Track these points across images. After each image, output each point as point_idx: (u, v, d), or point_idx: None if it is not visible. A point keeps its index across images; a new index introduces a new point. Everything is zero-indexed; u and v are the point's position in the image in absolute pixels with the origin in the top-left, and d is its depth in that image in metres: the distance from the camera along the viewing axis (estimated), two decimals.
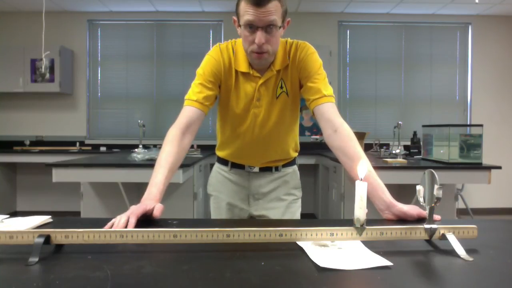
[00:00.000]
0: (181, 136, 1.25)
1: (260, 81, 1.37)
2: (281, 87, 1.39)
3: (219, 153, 1.57)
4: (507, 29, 5.37)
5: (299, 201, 1.59)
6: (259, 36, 1.22)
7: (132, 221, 0.94)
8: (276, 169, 1.53)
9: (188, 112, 1.31)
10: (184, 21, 5.34)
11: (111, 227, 0.92)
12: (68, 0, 4.85)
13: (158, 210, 1.02)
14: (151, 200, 1.06)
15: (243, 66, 1.36)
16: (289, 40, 1.40)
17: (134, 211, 0.97)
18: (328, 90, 1.33)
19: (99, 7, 5.13)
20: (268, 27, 1.22)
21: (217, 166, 1.60)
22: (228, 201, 1.54)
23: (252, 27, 1.22)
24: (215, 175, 1.60)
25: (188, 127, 1.28)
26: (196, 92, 1.33)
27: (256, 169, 1.51)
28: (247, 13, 1.20)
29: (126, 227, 0.93)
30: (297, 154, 1.60)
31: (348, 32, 5.38)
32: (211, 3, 4.97)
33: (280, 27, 1.25)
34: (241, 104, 1.40)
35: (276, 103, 1.40)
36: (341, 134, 1.23)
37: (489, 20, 5.35)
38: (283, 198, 1.54)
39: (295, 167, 1.61)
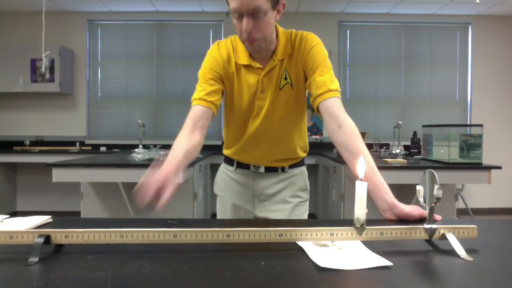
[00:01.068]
0: (190, 134, 1.24)
1: (263, 72, 1.35)
2: (285, 78, 1.36)
3: (226, 151, 1.55)
4: (507, 29, 5.37)
5: (307, 204, 1.54)
6: (245, 22, 1.20)
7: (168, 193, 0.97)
8: (283, 169, 1.49)
9: (193, 111, 1.30)
10: (184, 21, 5.34)
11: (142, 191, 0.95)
12: (68, 0, 4.85)
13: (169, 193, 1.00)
14: (170, 166, 1.08)
15: (243, 59, 1.35)
16: (294, 31, 1.38)
17: (168, 187, 0.99)
18: (334, 84, 1.29)
19: (99, 7, 5.13)
20: (254, 13, 1.19)
21: (223, 166, 1.58)
22: (233, 201, 1.52)
23: (239, 14, 1.21)
24: (221, 174, 1.58)
25: (194, 125, 1.26)
26: (198, 91, 1.33)
27: (262, 169, 1.48)
28: (232, 0, 1.19)
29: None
30: (305, 154, 1.55)
31: (348, 32, 5.39)
32: (211, 3, 4.97)
33: (267, 11, 1.21)
34: (245, 97, 1.38)
35: (280, 95, 1.37)
36: (345, 130, 1.20)
37: (489, 20, 5.35)
38: (289, 201, 1.49)
39: (303, 168, 1.56)
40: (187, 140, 1.22)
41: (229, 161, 1.54)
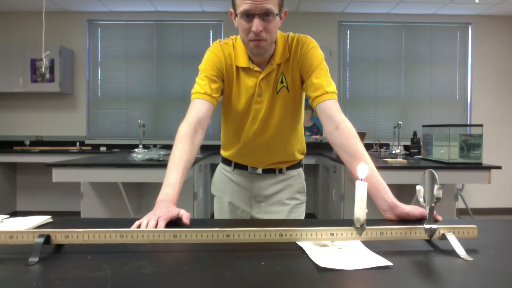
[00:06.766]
0: (193, 133, 1.22)
1: (261, 76, 1.35)
2: (281, 82, 1.37)
3: (223, 153, 1.55)
4: (507, 29, 5.37)
5: (303, 206, 1.55)
6: (256, 23, 1.21)
7: (162, 224, 0.93)
8: (280, 171, 1.50)
9: (198, 105, 1.28)
10: (184, 21, 5.34)
11: (138, 227, 0.91)
12: (68, 0, 4.85)
13: (187, 219, 1.00)
14: (169, 202, 1.03)
15: (243, 61, 1.35)
16: (291, 34, 1.38)
17: (163, 216, 0.95)
18: (331, 86, 1.30)
19: (99, 7, 5.13)
20: (264, 15, 1.22)
21: (220, 166, 1.59)
22: (230, 201, 1.52)
23: (248, 15, 1.22)
24: (218, 175, 1.59)
25: (199, 122, 1.25)
26: (202, 85, 1.31)
27: (259, 171, 1.49)
28: (244, 2, 1.20)
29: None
30: (303, 156, 1.56)
31: (348, 32, 5.38)
32: (211, 3, 4.97)
33: (277, 15, 1.24)
34: (243, 100, 1.38)
35: (277, 99, 1.38)
36: (343, 131, 1.21)
37: (489, 20, 5.35)
38: (286, 203, 1.50)
39: (300, 170, 1.57)
40: (189, 147, 1.20)
41: (226, 161, 1.55)
